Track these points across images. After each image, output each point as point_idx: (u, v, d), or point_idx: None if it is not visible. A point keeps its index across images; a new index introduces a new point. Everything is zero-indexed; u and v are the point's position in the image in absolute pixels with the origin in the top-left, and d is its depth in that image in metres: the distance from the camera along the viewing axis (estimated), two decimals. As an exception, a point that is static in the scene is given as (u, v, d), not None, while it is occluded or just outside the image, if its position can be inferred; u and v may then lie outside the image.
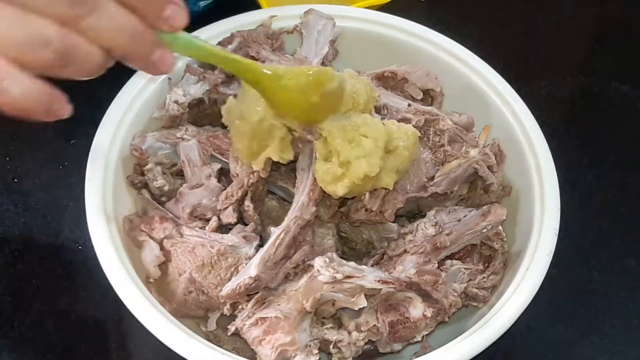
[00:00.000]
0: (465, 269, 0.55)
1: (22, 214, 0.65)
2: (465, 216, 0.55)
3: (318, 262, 0.49)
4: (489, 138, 0.62)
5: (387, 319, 0.51)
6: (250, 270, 0.49)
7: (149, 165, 0.57)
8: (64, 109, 0.37)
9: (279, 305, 0.49)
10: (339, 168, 0.50)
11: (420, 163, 0.56)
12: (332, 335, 0.50)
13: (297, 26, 0.65)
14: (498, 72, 0.63)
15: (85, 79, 0.37)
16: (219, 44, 0.63)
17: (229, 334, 0.51)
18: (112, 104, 0.57)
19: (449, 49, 0.64)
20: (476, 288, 0.54)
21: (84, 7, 0.32)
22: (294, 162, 0.53)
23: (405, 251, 0.54)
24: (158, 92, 0.60)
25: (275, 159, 0.51)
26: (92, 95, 0.71)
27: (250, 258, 0.51)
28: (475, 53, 0.64)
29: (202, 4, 0.76)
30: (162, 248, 0.53)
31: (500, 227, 0.56)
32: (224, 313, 0.51)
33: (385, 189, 0.53)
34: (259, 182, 0.54)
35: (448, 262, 0.55)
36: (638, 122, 0.77)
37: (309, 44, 0.63)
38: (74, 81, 0.37)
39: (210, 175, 0.56)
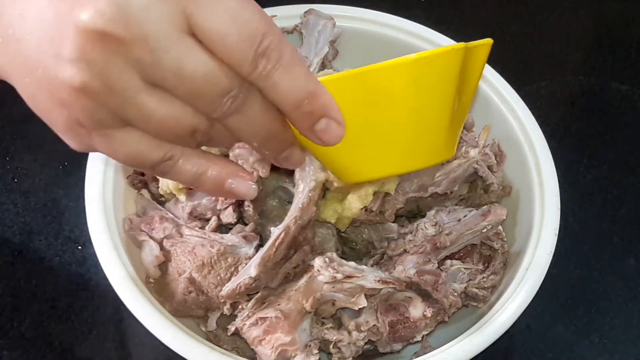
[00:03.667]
0: (465, 269, 0.55)
1: (22, 214, 0.65)
2: (465, 216, 0.55)
3: (318, 262, 0.49)
4: (489, 138, 0.62)
5: (387, 319, 0.51)
6: (251, 270, 0.49)
7: (149, 165, 0.57)
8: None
9: (279, 305, 0.49)
10: (338, 205, 0.53)
11: (420, 163, 0.56)
12: (332, 335, 0.50)
13: (297, 26, 0.65)
14: (498, 72, 0.63)
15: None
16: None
17: (229, 334, 0.51)
18: (112, 104, 0.57)
19: (449, 49, 0.64)
20: (476, 288, 0.54)
21: (227, 108, 0.33)
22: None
23: (405, 251, 0.54)
24: (158, 92, 0.60)
25: None
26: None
27: (250, 258, 0.51)
28: (475, 53, 0.64)
29: (202, 4, 0.76)
30: (162, 248, 0.53)
31: (500, 227, 0.56)
32: (224, 313, 0.51)
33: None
34: (258, 182, 0.54)
35: (448, 262, 0.55)
36: (638, 122, 0.77)
37: (309, 44, 0.63)
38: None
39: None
